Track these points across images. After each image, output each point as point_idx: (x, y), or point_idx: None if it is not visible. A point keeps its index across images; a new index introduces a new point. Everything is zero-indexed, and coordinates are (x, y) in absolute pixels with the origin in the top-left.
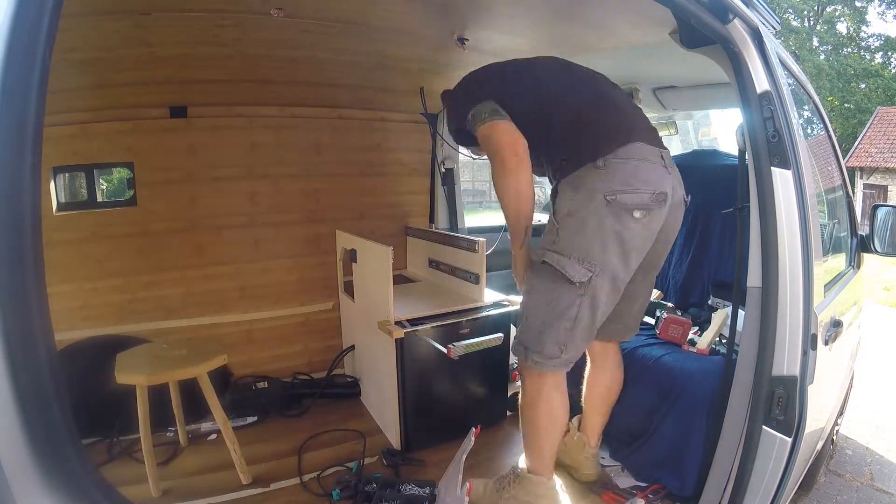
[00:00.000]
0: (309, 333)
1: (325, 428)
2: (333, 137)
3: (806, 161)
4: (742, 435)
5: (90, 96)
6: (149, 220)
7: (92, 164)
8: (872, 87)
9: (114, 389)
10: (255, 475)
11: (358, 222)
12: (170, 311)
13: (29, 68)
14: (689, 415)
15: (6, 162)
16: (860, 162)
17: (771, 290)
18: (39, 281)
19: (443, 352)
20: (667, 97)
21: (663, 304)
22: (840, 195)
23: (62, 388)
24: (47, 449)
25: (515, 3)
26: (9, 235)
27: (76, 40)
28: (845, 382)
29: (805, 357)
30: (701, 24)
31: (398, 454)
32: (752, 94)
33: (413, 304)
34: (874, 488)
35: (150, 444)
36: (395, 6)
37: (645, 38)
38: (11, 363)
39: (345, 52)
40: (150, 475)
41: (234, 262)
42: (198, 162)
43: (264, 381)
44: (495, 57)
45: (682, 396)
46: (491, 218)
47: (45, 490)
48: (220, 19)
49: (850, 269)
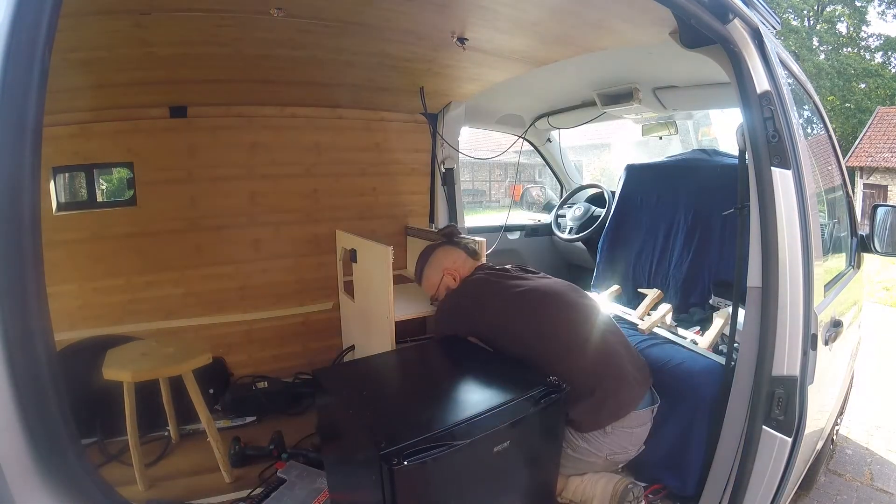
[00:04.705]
0: (309, 333)
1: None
2: (333, 137)
3: (806, 161)
4: (742, 435)
5: (90, 96)
6: (149, 220)
7: (92, 164)
8: (872, 86)
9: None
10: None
11: (358, 222)
12: (170, 311)
13: (29, 68)
14: (692, 414)
15: (6, 162)
16: (860, 162)
17: (771, 290)
18: (39, 281)
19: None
20: (667, 97)
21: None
22: (840, 195)
23: (62, 388)
24: (47, 449)
25: (515, 3)
26: (9, 235)
27: (76, 40)
28: (845, 382)
29: (805, 357)
30: (701, 24)
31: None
32: (752, 94)
33: (413, 305)
34: (874, 488)
35: (136, 440)
36: (395, 6)
37: (645, 38)
38: (11, 363)
39: (345, 52)
40: (136, 472)
41: (234, 262)
42: (198, 162)
43: (264, 380)
44: (495, 57)
45: (685, 396)
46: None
47: (44, 490)
48: (220, 19)
49: (850, 269)
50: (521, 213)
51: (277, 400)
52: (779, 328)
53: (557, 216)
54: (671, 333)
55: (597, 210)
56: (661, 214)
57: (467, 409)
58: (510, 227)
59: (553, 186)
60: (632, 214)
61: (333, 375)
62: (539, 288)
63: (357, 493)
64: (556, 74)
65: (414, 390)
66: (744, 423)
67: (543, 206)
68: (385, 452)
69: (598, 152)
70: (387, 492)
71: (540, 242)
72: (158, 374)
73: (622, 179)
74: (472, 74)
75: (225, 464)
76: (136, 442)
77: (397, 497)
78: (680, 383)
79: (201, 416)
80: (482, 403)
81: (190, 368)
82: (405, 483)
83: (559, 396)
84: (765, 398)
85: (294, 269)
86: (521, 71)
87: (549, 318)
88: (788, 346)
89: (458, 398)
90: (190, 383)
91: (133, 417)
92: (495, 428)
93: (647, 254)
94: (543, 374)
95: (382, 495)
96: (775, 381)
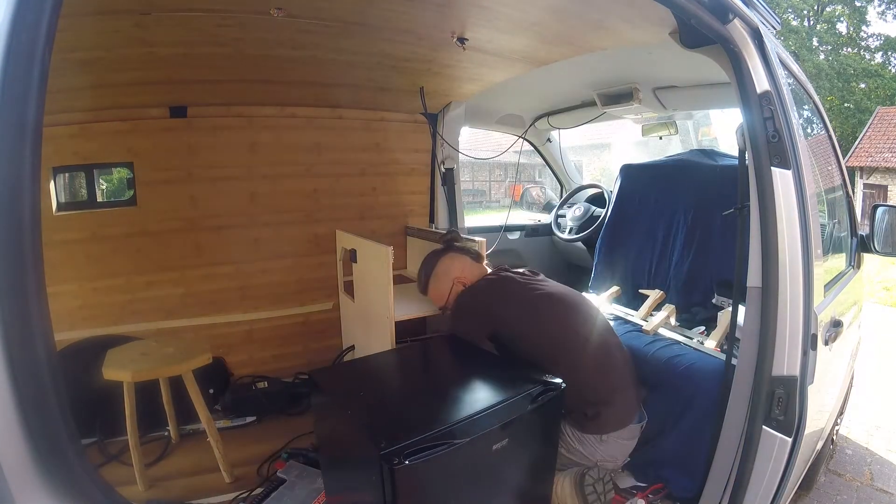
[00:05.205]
0: (309, 333)
1: None
2: (333, 137)
3: (806, 161)
4: (742, 435)
5: (90, 96)
6: (149, 220)
7: (92, 164)
8: (872, 86)
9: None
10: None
11: (358, 222)
12: (170, 311)
13: (29, 68)
14: (704, 414)
15: (6, 162)
16: (860, 162)
17: (771, 289)
18: (39, 281)
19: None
20: (667, 97)
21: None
22: (840, 195)
23: (62, 388)
24: (47, 449)
25: (515, 3)
26: (9, 235)
27: (76, 40)
28: (845, 382)
29: (805, 357)
30: (701, 24)
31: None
32: (752, 94)
33: (413, 305)
34: (874, 488)
35: (136, 440)
36: (395, 6)
37: (645, 38)
38: (11, 363)
39: (345, 52)
40: (136, 472)
41: (234, 262)
42: (198, 162)
43: (264, 380)
44: (495, 57)
45: (696, 396)
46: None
47: (44, 490)
48: (220, 19)
49: (850, 269)
50: (521, 213)
51: (277, 400)
52: (779, 328)
53: (557, 216)
54: (677, 334)
55: (597, 210)
56: (659, 215)
57: (466, 408)
58: (510, 228)
59: (553, 186)
60: (629, 215)
61: (331, 376)
62: (559, 294)
63: (356, 494)
64: (557, 74)
65: (412, 390)
66: (744, 422)
67: (543, 206)
68: (385, 452)
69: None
70: (387, 492)
71: (540, 242)
72: (158, 374)
73: (619, 180)
74: (472, 74)
75: (225, 464)
76: (136, 442)
77: (397, 497)
78: (691, 384)
79: (201, 416)
80: (480, 402)
81: (190, 368)
82: (406, 482)
83: (556, 394)
84: (765, 398)
85: (294, 269)
86: (521, 71)
87: (571, 325)
88: (788, 346)
89: (456, 397)
90: (190, 383)
91: (133, 417)
92: (494, 426)
93: (647, 254)
94: (553, 375)
95: (382, 495)
96: (775, 381)
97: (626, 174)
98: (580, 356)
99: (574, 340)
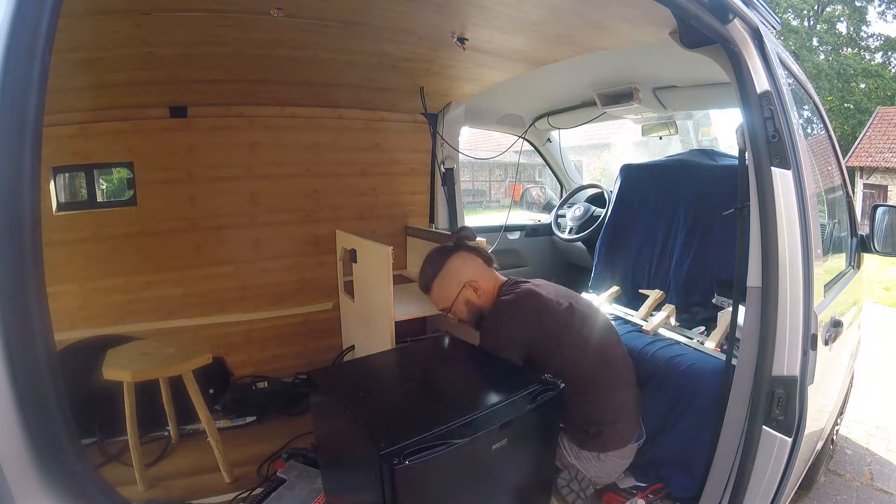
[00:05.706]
0: (309, 333)
1: None
2: (333, 137)
3: (806, 161)
4: (742, 435)
5: (90, 96)
6: (149, 220)
7: (92, 164)
8: (872, 87)
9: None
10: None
11: (358, 222)
12: (170, 312)
13: (29, 68)
14: (703, 414)
15: (6, 162)
16: (860, 162)
17: (771, 290)
18: (39, 281)
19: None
20: (667, 97)
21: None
22: (840, 195)
23: (62, 388)
24: (47, 449)
25: (515, 3)
26: (9, 235)
27: (76, 40)
28: (845, 383)
29: (805, 357)
30: (701, 24)
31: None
32: (752, 94)
33: (413, 305)
34: (874, 488)
35: (136, 440)
36: (395, 6)
37: (645, 38)
38: (11, 363)
39: (345, 52)
40: (136, 472)
41: (234, 262)
42: (197, 162)
43: (264, 380)
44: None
45: (697, 396)
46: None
47: (44, 490)
48: (220, 19)
49: (850, 269)
50: (521, 213)
51: (277, 400)
52: (779, 328)
53: (557, 216)
54: (677, 334)
55: (597, 210)
56: (659, 214)
57: (465, 408)
58: (510, 227)
59: (553, 186)
60: (629, 215)
61: (330, 376)
62: (584, 312)
63: (355, 494)
64: (557, 74)
65: (411, 389)
66: (744, 422)
67: (543, 206)
68: (385, 452)
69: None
70: (387, 492)
71: (540, 242)
72: (158, 374)
73: (619, 180)
74: (472, 74)
75: (225, 464)
76: (136, 442)
77: (397, 496)
78: (691, 384)
79: (201, 416)
80: (480, 402)
81: (190, 368)
82: (406, 482)
83: (555, 394)
84: (765, 398)
85: (294, 269)
86: (521, 71)
87: (601, 353)
88: (788, 346)
89: (456, 397)
90: (190, 383)
91: (133, 417)
92: (493, 426)
93: (647, 254)
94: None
95: (382, 495)
96: (775, 381)
97: (626, 174)
98: (599, 376)
99: (600, 366)
